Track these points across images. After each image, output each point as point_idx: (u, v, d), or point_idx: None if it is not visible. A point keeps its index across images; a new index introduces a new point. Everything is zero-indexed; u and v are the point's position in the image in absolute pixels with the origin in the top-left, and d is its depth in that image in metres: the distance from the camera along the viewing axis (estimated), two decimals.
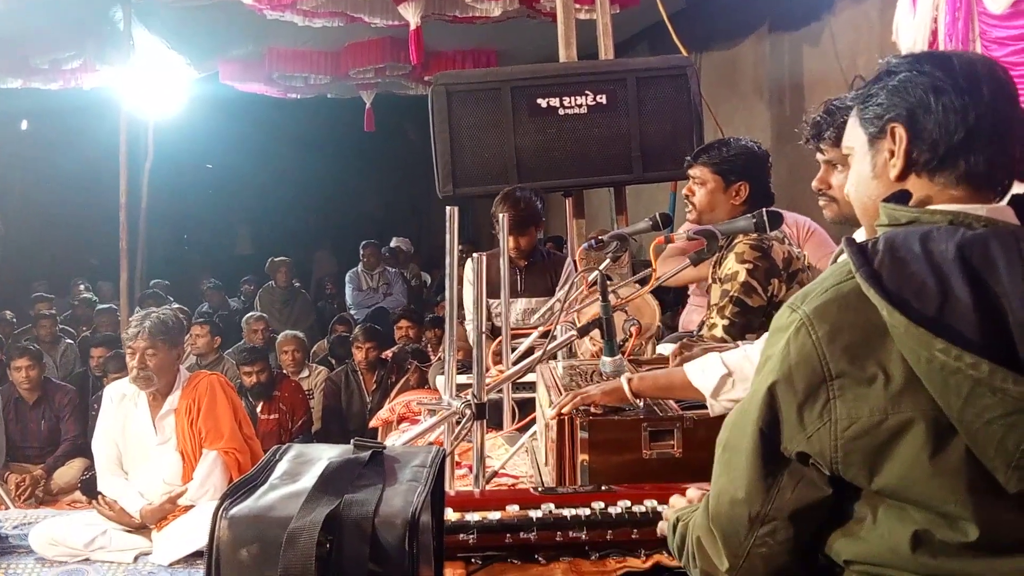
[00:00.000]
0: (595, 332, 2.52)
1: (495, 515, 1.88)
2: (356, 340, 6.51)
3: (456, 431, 2.23)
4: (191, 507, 4.22)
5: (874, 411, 1.19)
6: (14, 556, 4.31)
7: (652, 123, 4.58)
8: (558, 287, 3.96)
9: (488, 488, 2.29)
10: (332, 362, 7.41)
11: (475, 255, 2.24)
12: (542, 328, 2.92)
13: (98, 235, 11.23)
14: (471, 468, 2.34)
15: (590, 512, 1.88)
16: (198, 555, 3.99)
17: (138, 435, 4.34)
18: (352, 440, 1.54)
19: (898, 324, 1.15)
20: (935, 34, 4.09)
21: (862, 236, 1.43)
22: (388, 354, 6.54)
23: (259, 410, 6.04)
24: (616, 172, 4.67)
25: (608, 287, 2.42)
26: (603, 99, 4.57)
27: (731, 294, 2.71)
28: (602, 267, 2.49)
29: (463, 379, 2.85)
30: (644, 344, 3.38)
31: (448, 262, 2.24)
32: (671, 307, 5.20)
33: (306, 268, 12.50)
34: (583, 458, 2.09)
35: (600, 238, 2.92)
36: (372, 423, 4.73)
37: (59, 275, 11.48)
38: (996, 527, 1.16)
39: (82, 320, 9.04)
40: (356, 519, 1.32)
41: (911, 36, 4.19)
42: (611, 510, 1.88)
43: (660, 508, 1.83)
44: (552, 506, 1.90)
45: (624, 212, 5.13)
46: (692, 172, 2.93)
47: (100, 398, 5.08)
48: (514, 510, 1.89)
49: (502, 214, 3.07)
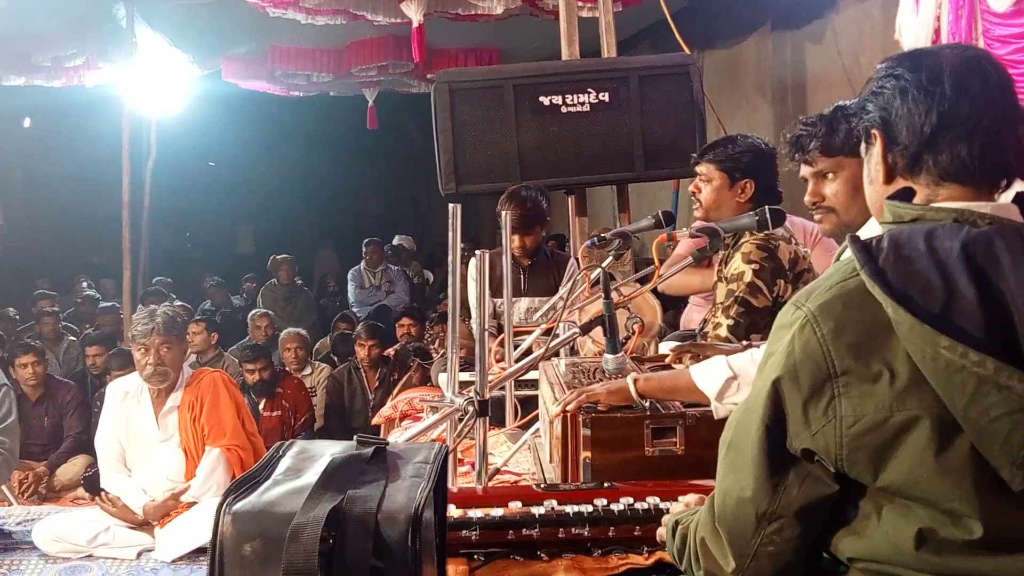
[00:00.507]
0: (597, 331, 2.52)
1: (498, 511, 1.88)
2: (358, 338, 6.51)
3: (459, 428, 2.23)
4: (194, 504, 4.23)
5: (879, 408, 1.18)
6: (18, 552, 4.32)
7: (654, 121, 4.57)
8: (561, 285, 3.95)
9: (490, 485, 2.29)
10: (334, 360, 7.41)
11: (479, 252, 2.24)
12: (544, 326, 2.92)
13: (101, 233, 11.25)
14: (473, 465, 2.34)
15: (593, 509, 1.88)
16: (201, 552, 4.00)
17: (141, 432, 4.35)
18: (355, 436, 1.54)
19: (903, 321, 1.15)
20: (938, 32, 4.09)
21: (867, 234, 1.43)
22: (390, 352, 6.55)
23: (261, 407, 6.04)
24: (619, 170, 4.66)
25: (611, 285, 2.42)
26: (606, 97, 4.56)
27: (736, 294, 2.70)
28: (604, 265, 2.49)
29: (465, 376, 2.85)
30: (646, 342, 3.37)
31: (451, 259, 2.24)
32: (672, 306, 5.19)
33: (308, 266, 12.50)
34: (586, 455, 2.09)
35: (603, 236, 2.93)
36: (375, 420, 4.72)
37: (62, 272, 11.48)
38: (1001, 525, 1.16)
39: (85, 318, 9.03)
40: (359, 515, 1.32)
41: (914, 34, 4.19)
42: (614, 507, 1.88)
43: (663, 505, 1.84)
44: (555, 503, 1.90)
45: (626, 210, 5.12)
46: (699, 169, 2.93)
47: (102, 395, 5.08)
48: (517, 507, 1.89)
49: (506, 212, 3.06)
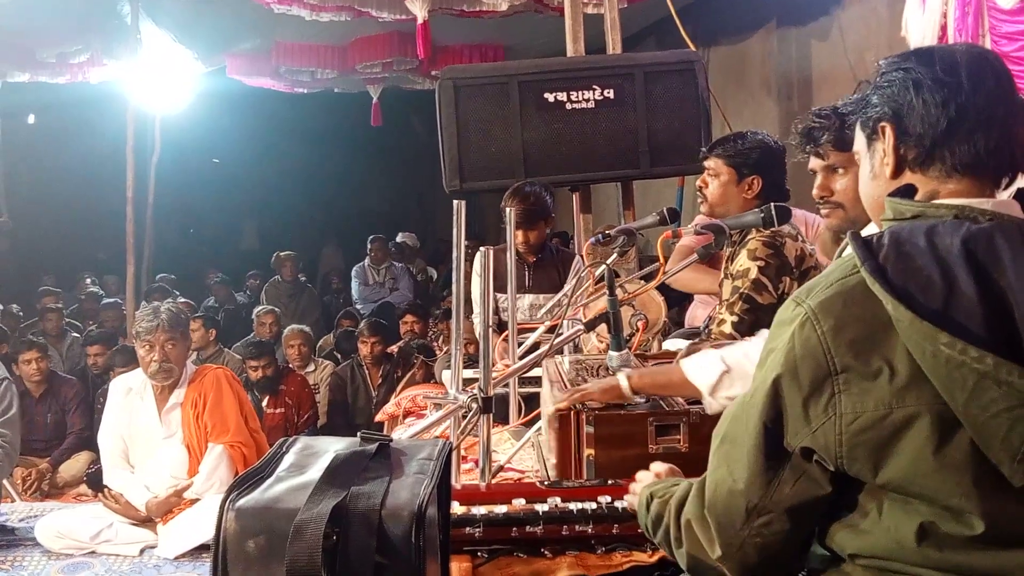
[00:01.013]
0: (602, 329, 2.51)
1: (501, 508, 1.88)
2: (362, 335, 6.50)
3: (462, 425, 2.23)
4: (197, 500, 4.23)
5: (879, 405, 1.19)
6: (20, 549, 4.33)
7: (660, 118, 4.55)
8: (567, 283, 3.94)
9: (494, 482, 2.29)
10: (338, 356, 7.41)
11: (483, 248, 2.23)
12: (548, 323, 2.91)
13: (105, 229, 11.23)
14: (477, 462, 2.33)
15: (596, 506, 1.89)
16: (204, 548, 4.01)
17: (144, 429, 4.35)
18: (359, 433, 1.54)
19: (903, 318, 1.16)
20: (944, 29, 4.08)
21: (868, 232, 1.43)
22: (394, 349, 6.54)
23: (265, 404, 6.04)
24: (623, 167, 4.65)
25: (615, 282, 2.41)
26: (610, 94, 4.55)
27: (741, 291, 2.69)
28: (609, 262, 2.48)
29: (469, 373, 2.84)
30: (651, 339, 3.36)
31: (455, 256, 2.23)
32: (677, 303, 5.18)
33: (312, 262, 12.49)
34: (589, 452, 2.09)
35: (607, 232, 2.92)
36: (378, 417, 4.70)
37: (66, 269, 11.49)
38: (1002, 520, 1.17)
39: (88, 314, 9.04)
40: (363, 511, 1.32)
41: (920, 31, 4.17)
42: (618, 504, 1.88)
43: None
44: (558, 500, 1.90)
45: (631, 207, 5.11)
46: (707, 163, 2.92)
47: (105, 392, 5.08)
48: (520, 504, 1.89)
49: (510, 208, 3.05)
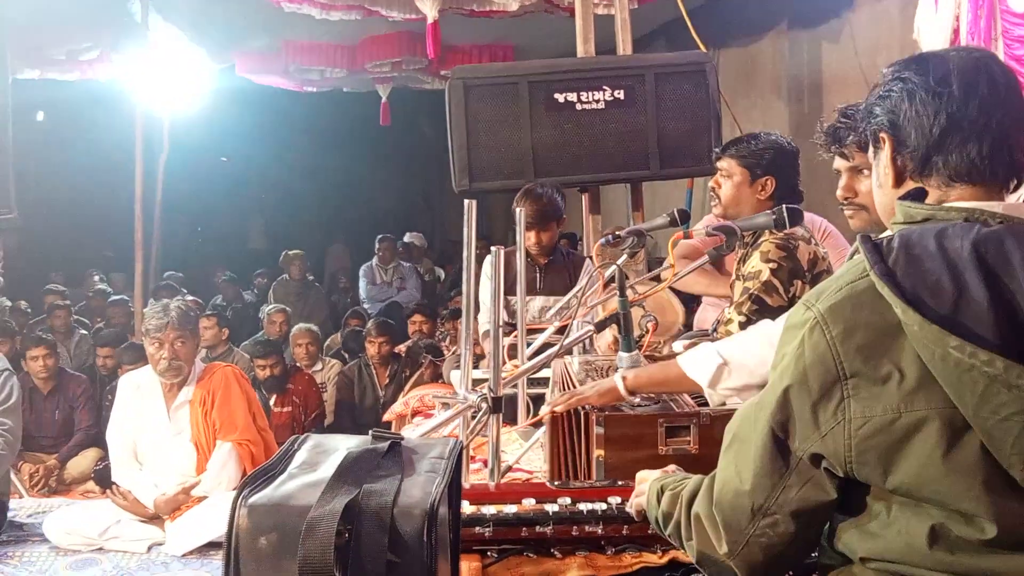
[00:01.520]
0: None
1: (511, 508, 1.88)
2: (369, 334, 6.50)
3: (472, 425, 2.23)
4: (205, 498, 4.23)
5: (887, 409, 1.19)
6: (29, 544, 4.34)
7: (670, 119, 4.56)
8: (577, 284, 3.93)
9: (503, 482, 2.28)
10: (345, 356, 7.41)
11: (494, 248, 2.23)
12: (558, 323, 2.91)
13: (113, 227, 11.27)
14: (485, 462, 2.33)
15: (606, 507, 1.88)
16: (212, 546, 4.01)
17: (153, 426, 4.35)
18: (371, 431, 1.54)
19: (912, 322, 1.16)
20: (957, 32, 4.06)
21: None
22: (401, 349, 6.54)
23: (272, 403, 6.04)
24: (633, 168, 4.65)
25: (626, 283, 2.41)
26: (621, 95, 4.55)
27: (751, 291, 2.68)
28: (619, 263, 2.48)
29: (478, 373, 2.84)
30: (663, 342, 3.36)
31: (465, 255, 2.23)
32: (686, 305, 5.17)
33: (320, 261, 12.51)
34: (599, 453, 2.08)
35: (617, 233, 2.91)
36: (386, 417, 4.71)
37: (75, 266, 11.51)
38: (1014, 524, 1.16)
39: (96, 311, 9.06)
40: (375, 509, 1.32)
41: (932, 34, 4.16)
42: (627, 505, 1.87)
43: None
44: (568, 500, 1.90)
45: (640, 208, 5.11)
46: (720, 164, 2.92)
47: (113, 389, 5.09)
48: (530, 504, 1.89)
49: (521, 209, 3.05)
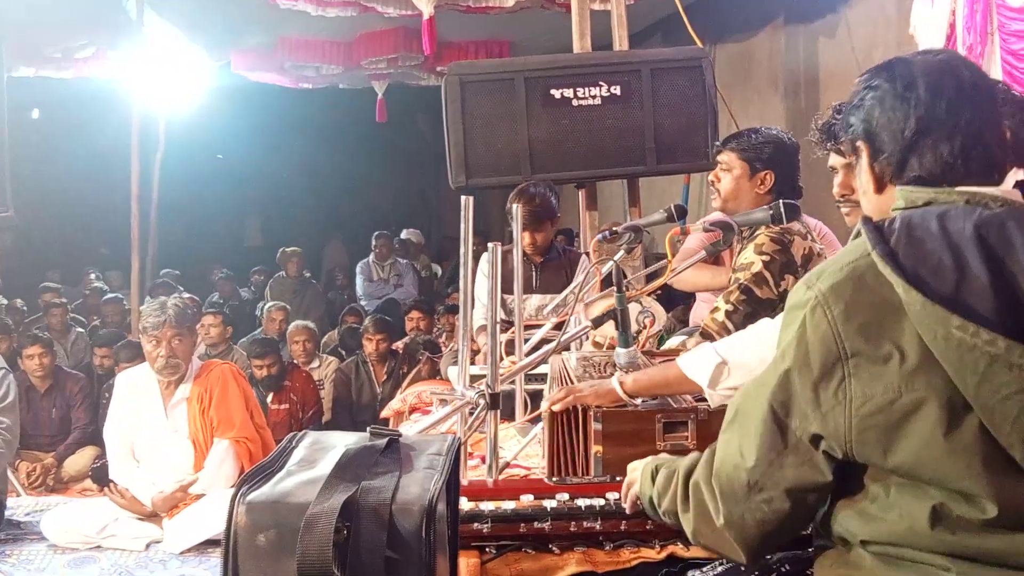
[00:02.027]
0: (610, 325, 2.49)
1: (509, 504, 1.88)
2: (366, 332, 6.49)
3: (469, 421, 2.22)
4: (202, 496, 4.23)
5: (888, 389, 1.20)
6: (26, 542, 4.33)
7: (666, 115, 4.55)
8: (574, 280, 3.93)
9: (500, 478, 2.28)
10: (342, 353, 7.41)
11: (491, 244, 2.22)
12: (556, 319, 2.91)
13: (110, 224, 11.23)
14: (483, 459, 2.33)
15: (604, 503, 1.88)
16: (209, 543, 4.01)
17: (150, 423, 4.35)
18: (368, 428, 1.54)
19: (914, 301, 1.16)
20: (953, 27, 4.07)
21: None
22: (399, 345, 6.54)
23: (269, 400, 6.04)
24: (630, 164, 4.64)
25: (623, 279, 2.41)
26: (617, 90, 4.54)
27: (741, 282, 2.70)
28: (616, 258, 2.48)
29: (476, 369, 2.84)
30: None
31: (463, 251, 2.23)
32: (682, 302, 5.17)
33: (317, 259, 12.49)
34: (597, 449, 2.08)
35: (614, 229, 2.91)
36: (384, 414, 4.70)
37: (71, 264, 11.49)
38: (1014, 504, 1.17)
39: (93, 309, 9.05)
40: (373, 506, 1.32)
41: (929, 30, 4.16)
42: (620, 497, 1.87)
43: None
44: (566, 496, 1.90)
45: (637, 204, 5.10)
46: (720, 157, 2.92)
47: (110, 387, 5.08)
48: (528, 500, 1.89)
49: (517, 207, 3.05)
